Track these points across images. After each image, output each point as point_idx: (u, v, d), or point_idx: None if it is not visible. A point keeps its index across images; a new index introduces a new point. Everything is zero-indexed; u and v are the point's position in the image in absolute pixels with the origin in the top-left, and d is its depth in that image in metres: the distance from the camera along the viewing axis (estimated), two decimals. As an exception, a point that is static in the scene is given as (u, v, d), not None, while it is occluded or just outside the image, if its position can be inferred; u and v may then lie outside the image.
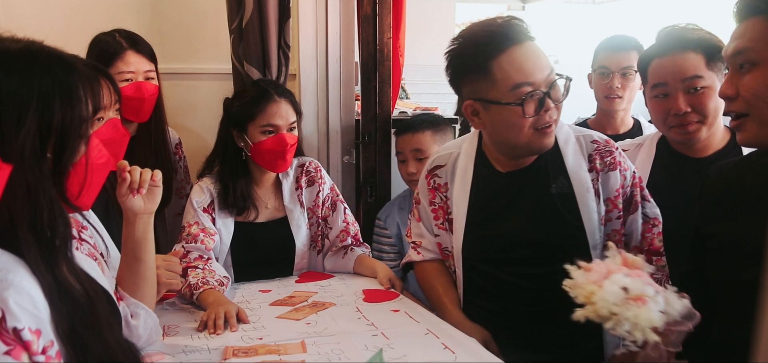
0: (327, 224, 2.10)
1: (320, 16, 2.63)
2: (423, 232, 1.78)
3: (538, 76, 1.46)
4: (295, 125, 1.99)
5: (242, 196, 1.98)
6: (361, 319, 1.62)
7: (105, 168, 1.12)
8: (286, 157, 1.96)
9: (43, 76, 0.92)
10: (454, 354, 1.39)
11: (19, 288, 0.87)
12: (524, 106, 1.46)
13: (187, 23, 2.70)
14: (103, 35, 2.05)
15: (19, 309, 0.85)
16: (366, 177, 2.69)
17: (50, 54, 0.96)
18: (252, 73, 2.44)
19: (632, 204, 1.62)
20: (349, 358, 1.37)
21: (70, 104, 0.95)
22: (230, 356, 1.40)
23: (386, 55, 2.64)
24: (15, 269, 0.89)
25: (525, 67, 1.45)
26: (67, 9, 2.47)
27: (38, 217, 0.91)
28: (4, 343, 0.83)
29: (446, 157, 1.72)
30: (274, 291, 1.86)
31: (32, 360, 0.86)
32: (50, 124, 0.92)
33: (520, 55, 1.46)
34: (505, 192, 1.62)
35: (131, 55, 2.04)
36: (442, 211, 1.71)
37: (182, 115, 2.70)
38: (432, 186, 1.73)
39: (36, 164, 0.91)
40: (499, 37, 1.47)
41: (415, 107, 3.03)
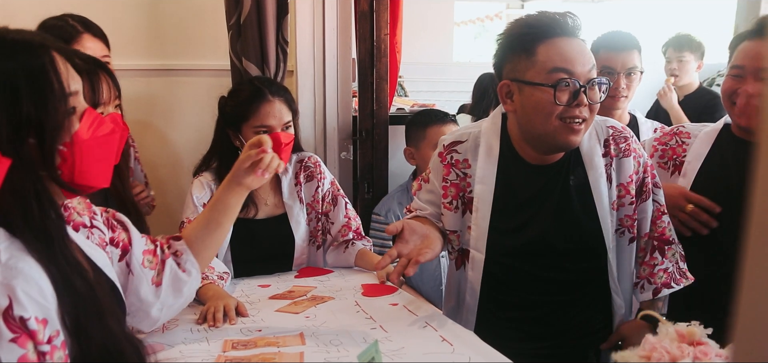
0: (328, 219, 2.11)
1: (317, 13, 2.63)
2: (419, 205, 1.76)
3: (578, 69, 1.48)
4: (290, 124, 1.98)
5: None
6: (360, 312, 1.63)
7: (110, 139, 1.07)
8: (280, 156, 1.95)
9: (6, 62, 0.90)
10: (451, 346, 1.40)
11: (27, 276, 0.87)
12: (557, 90, 1.47)
13: (185, 20, 2.70)
14: (52, 20, 1.97)
15: (26, 298, 0.86)
16: (363, 173, 2.71)
17: (15, 39, 0.93)
18: (250, 70, 2.45)
19: (644, 191, 1.65)
20: (347, 351, 1.38)
21: (40, 87, 0.92)
22: (229, 349, 1.40)
23: (383, 51, 2.65)
24: (24, 258, 0.89)
25: (567, 56, 1.49)
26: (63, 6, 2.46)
27: (29, 211, 0.91)
28: (10, 330, 0.84)
29: (466, 134, 1.70)
30: (273, 286, 1.87)
31: (38, 349, 0.86)
32: (20, 112, 0.89)
33: (566, 45, 1.50)
34: (532, 184, 1.62)
35: (87, 39, 1.98)
36: (456, 189, 1.67)
37: (180, 111, 2.71)
38: (448, 161, 1.68)
39: (15, 156, 0.89)
40: (551, 25, 1.51)
41: (413, 104, 3.05)
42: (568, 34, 1.51)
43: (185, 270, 1.39)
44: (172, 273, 1.37)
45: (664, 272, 1.67)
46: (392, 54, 2.71)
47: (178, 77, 2.71)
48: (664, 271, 1.67)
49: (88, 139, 1.00)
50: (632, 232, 1.64)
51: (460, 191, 1.67)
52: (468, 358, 1.34)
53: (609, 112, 2.47)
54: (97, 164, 1.03)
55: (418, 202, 1.77)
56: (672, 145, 1.95)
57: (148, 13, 2.66)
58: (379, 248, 2.43)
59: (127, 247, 1.31)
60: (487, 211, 1.62)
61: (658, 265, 1.67)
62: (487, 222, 1.62)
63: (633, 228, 1.64)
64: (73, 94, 0.98)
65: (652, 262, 1.67)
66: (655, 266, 1.67)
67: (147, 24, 2.65)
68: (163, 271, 1.36)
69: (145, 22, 2.64)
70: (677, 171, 1.91)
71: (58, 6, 2.44)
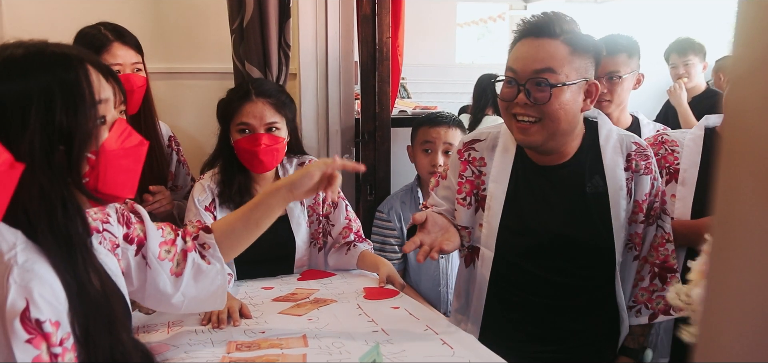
0: (329, 221, 2.12)
1: (320, 16, 2.65)
2: (438, 202, 1.77)
3: (521, 69, 1.53)
4: (275, 126, 1.97)
5: (239, 191, 1.99)
6: (362, 315, 1.65)
7: (137, 151, 1.10)
8: (260, 157, 1.95)
9: (43, 75, 0.95)
10: (452, 350, 1.42)
11: (43, 279, 0.91)
12: (495, 83, 1.59)
13: (188, 23, 2.72)
14: (88, 28, 2.03)
15: (42, 300, 0.89)
16: (365, 175, 2.72)
17: (53, 53, 0.98)
18: (253, 73, 2.47)
19: (652, 215, 1.66)
20: (349, 353, 1.40)
21: (72, 98, 0.96)
22: (233, 350, 1.43)
23: (385, 54, 2.66)
24: (39, 261, 0.92)
25: (519, 55, 1.54)
26: (69, 8, 2.49)
27: (54, 217, 0.94)
28: (26, 331, 0.87)
29: (486, 133, 1.74)
30: (276, 288, 1.89)
31: (50, 351, 0.90)
32: (53, 120, 0.94)
33: (526, 45, 1.55)
34: (541, 185, 1.65)
35: (118, 47, 2.03)
36: (470, 185, 1.70)
37: (184, 114, 2.73)
38: (466, 158, 1.72)
39: (45, 162, 0.93)
40: (528, 25, 1.56)
41: (415, 106, 3.06)
42: (535, 34, 1.54)
43: (209, 262, 1.40)
44: (195, 265, 1.38)
45: (663, 300, 1.66)
46: (394, 57, 2.72)
47: (181, 80, 2.73)
48: (662, 299, 1.67)
49: (115, 149, 1.03)
50: (637, 250, 1.66)
51: (474, 188, 1.69)
52: (468, 360, 1.36)
53: None
54: (123, 175, 1.06)
55: (435, 198, 1.79)
56: (662, 154, 1.95)
57: (152, 17, 2.69)
58: (380, 246, 2.45)
59: (142, 240, 1.33)
60: (498, 209, 1.64)
61: (657, 292, 1.67)
62: (498, 220, 1.64)
63: (639, 247, 1.66)
64: (103, 101, 1.02)
65: (650, 288, 1.67)
66: (653, 292, 1.67)
67: (151, 27, 2.67)
68: (185, 262, 1.37)
69: (149, 26, 2.67)
70: (673, 179, 1.92)
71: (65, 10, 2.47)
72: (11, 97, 0.92)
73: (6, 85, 0.93)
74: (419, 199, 2.52)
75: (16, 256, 0.90)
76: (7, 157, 0.77)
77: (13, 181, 0.79)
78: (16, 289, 0.87)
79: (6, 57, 0.95)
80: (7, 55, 0.95)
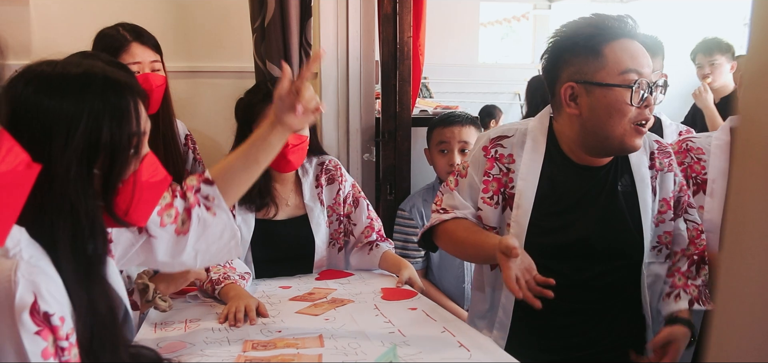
0: (350, 221, 2.12)
1: (341, 16, 2.65)
2: (457, 203, 1.70)
3: (646, 70, 1.50)
4: None
5: (260, 193, 1.99)
6: (379, 316, 1.64)
7: (160, 186, 1.14)
8: (288, 157, 1.95)
9: (96, 99, 0.98)
10: (469, 352, 1.40)
11: (48, 275, 0.93)
12: (632, 92, 1.48)
13: (210, 22, 2.74)
14: (107, 29, 2.06)
15: (49, 295, 0.91)
16: (386, 174, 2.71)
17: (107, 78, 1.01)
18: (274, 72, 2.47)
19: (680, 208, 1.65)
20: (365, 354, 1.39)
21: (119, 124, 1.00)
22: (249, 349, 1.42)
23: (406, 53, 2.66)
24: (43, 259, 0.94)
25: (637, 57, 1.50)
26: (94, 8, 2.52)
27: (79, 234, 0.97)
28: (35, 323, 0.89)
29: (513, 129, 1.68)
30: (294, 287, 1.89)
31: (57, 344, 0.91)
32: (98, 142, 0.97)
33: (632, 46, 1.51)
34: (579, 186, 1.62)
35: (136, 47, 2.05)
36: (498, 183, 1.65)
37: (205, 112, 2.75)
38: (492, 156, 1.65)
39: (80, 181, 0.96)
40: (617, 26, 1.52)
41: (436, 105, 3.05)
42: (631, 35, 1.52)
43: (215, 214, 1.40)
44: (201, 221, 1.38)
45: (696, 289, 1.64)
46: (415, 56, 2.71)
47: (203, 79, 2.75)
48: (696, 287, 1.64)
49: (145, 180, 1.08)
50: (669, 249, 1.64)
51: (502, 186, 1.65)
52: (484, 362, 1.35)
53: None
54: (145, 206, 1.11)
55: (458, 199, 1.70)
56: (688, 163, 1.89)
57: (174, 16, 2.71)
58: (402, 244, 2.45)
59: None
60: (528, 208, 1.60)
61: (691, 279, 1.64)
62: (527, 219, 1.60)
63: (670, 245, 1.64)
64: (144, 133, 1.07)
65: (687, 274, 1.64)
66: (688, 278, 1.64)
67: (173, 26, 2.69)
68: (189, 220, 1.37)
69: (171, 24, 2.69)
70: (701, 190, 1.85)
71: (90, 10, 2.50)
72: (62, 113, 0.96)
73: (58, 101, 0.96)
74: (440, 198, 2.50)
75: (21, 252, 0.92)
76: (24, 156, 0.77)
77: (29, 181, 0.79)
78: (24, 283, 0.89)
79: (61, 73, 0.99)
80: (64, 71, 0.99)
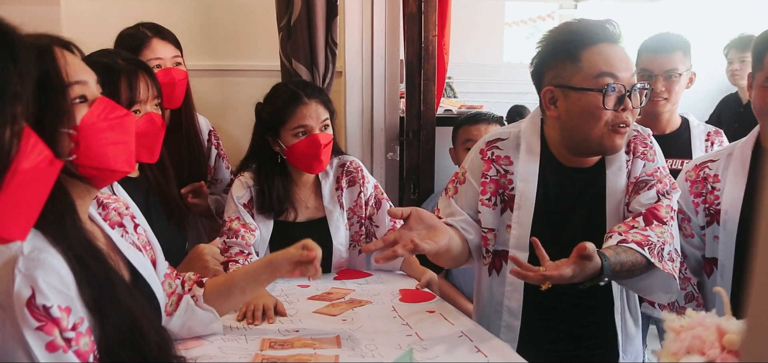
0: (372, 223, 2.11)
1: (366, 14, 2.66)
2: (455, 211, 1.68)
3: (622, 74, 1.49)
4: (327, 123, 1.99)
5: (279, 199, 2.00)
6: (396, 318, 1.64)
7: (123, 122, 1.10)
8: (320, 157, 1.96)
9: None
10: (486, 357, 1.39)
11: (48, 267, 0.94)
12: (605, 95, 1.48)
13: (237, 22, 2.77)
14: (127, 29, 2.10)
15: (47, 287, 0.92)
16: (409, 174, 2.71)
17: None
18: (300, 71, 2.49)
19: (641, 187, 1.58)
20: (382, 356, 1.39)
21: (41, 85, 0.96)
22: (266, 348, 1.44)
23: (431, 53, 2.65)
24: (47, 249, 0.96)
25: (612, 61, 1.50)
26: (123, 7, 2.57)
27: None
28: (35, 319, 0.90)
29: (507, 132, 1.69)
30: (312, 286, 1.90)
31: (63, 336, 0.93)
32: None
33: (610, 50, 1.51)
34: (570, 187, 1.62)
35: (157, 43, 2.08)
36: (495, 185, 1.65)
37: (231, 110, 2.78)
38: (489, 157, 1.66)
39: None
40: (595, 31, 1.52)
41: (461, 105, 3.04)
42: (611, 40, 1.52)
43: (203, 309, 1.46)
44: (188, 308, 1.44)
45: (642, 236, 1.49)
46: (440, 55, 2.71)
47: (229, 77, 2.78)
48: (641, 235, 1.49)
49: (96, 121, 1.05)
50: None
51: (500, 188, 1.65)
52: (501, 369, 1.34)
53: (653, 116, 2.40)
54: (113, 147, 1.08)
55: (454, 206, 1.69)
56: (705, 193, 1.78)
57: (201, 15, 2.74)
58: None
59: (154, 262, 1.37)
60: (530, 208, 1.60)
61: (637, 228, 1.51)
62: (529, 218, 1.60)
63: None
64: (76, 83, 1.04)
65: (631, 224, 1.53)
66: (632, 228, 1.52)
67: (200, 25, 2.73)
68: (177, 305, 1.43)
69: (198, 23, 2.72)
70: (714, 221, 1.75)
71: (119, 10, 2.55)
72: None
73: None
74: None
75: (22, 247, 0.94)
76: (47, 153, 0.79)
77: (52, 177, 0.81)
78: (21, 278, 0.91)
79: None
80: None
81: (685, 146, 2.36)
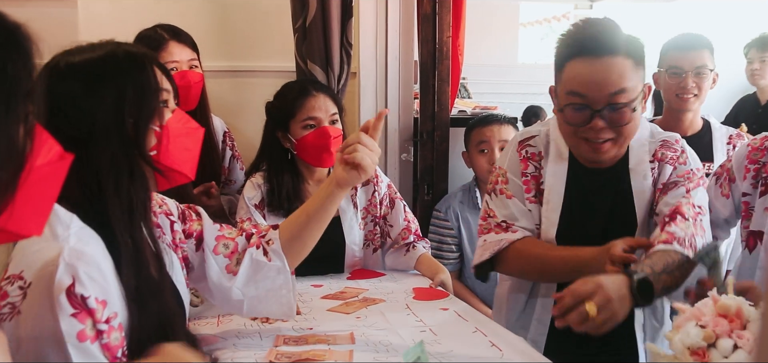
0: (386, 223, 2.12)
1: (380, 15, 2.66)
2: (514, 213, 1.65)
3: (593, 94, 1.47)
4: (336, 118, 2.02)
5: (288, 198, 2.00)
6: (410, 315, 1.64)
7: (196, 132, 1.25)
8: (330, 149, 1.97)
9: (120, 74, 1.11)
10: (501, 352, 1.39)
11: (90, 260, 0.98)
12: (564, 111, 1.52)
13: (252, 22, 2.79)
14: (145, 31, 2.13)
15: (87, 278, 0.96)
16: (423, 175, 2.72)
17: (126, 52, 1.15)
18: (315, 71, 2.50)
19: (668, 188, 1.56)
20: (396, 351, 1.39)
21: (140, 84, 1.12)
22: (281, 344, 1.44)
23: (445, 54, 2.65)
24: (92, 243, 1.01)
25: (585, 79, 1.47)
26: (139, 9, 2.60)
27: (121, 181, 1.06)
28: (71, 306, 0.94)
29: (537, 130, 1.72)
30: (325, 286, 1.90)
31: (96, 327, 0.96)
32: (124, 102, 1.09)
33: (587, 67, 1.47)
34: (589, 187, 1.62)
35: (174, 46, 2.11)
36: (535, 181, 1.66)
37: (246, 111, 2.79)
38: (524, 156, 1.67)
39: (117, 136, 1.07)
40: (578, 44, 1.50)
41: (475, 106, 3.03)
42: (595, 53, 1.46)
43: (270, 259, 1.42)
44: (253, 261, 1.41)
45: (667, 235, 1.44)
46: (454, 56, 2.71)
47: (244, 78, 2.79)
48: (666, 234, 1.45)
49: (177, 125, 1.19)
50: None
51: (537, 181, 1.67)
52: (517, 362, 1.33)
53: (677, 116, 2.39)
54: (184, 153, 1.21)
55: (508, 209, 1.65)
56: (761, 161, 1.70)
57: (217, 16, 2.76)
58: (437, 245, 2.44)
59: (200, 234, 1.41)
60: (557, 204, 1.62)
61: (658, 237, 1.47)
62: (557, 214, 1.61)
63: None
64: (165, 90, 1.19)
65: (654, 238, 1.49)
66: (655, 239, 1.48)
67: (215, 26, 2.75)
68: (242, 261, 1.41)
69: (214, 24, 2.74)
70: None
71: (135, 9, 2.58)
72: (94, 93, 1.08)
73: (89, 84, 1.08)
74: (477, 199, 2.50)
75: (68, 238, 0.99)
76: (58, 148, 0.81)
77: (62, 172, 0.82)
78: (64, 266, 0.95)
79: (85, 59, 1.10)
80: (86, 56, 1.11)
81: (706, 149, 2.33)
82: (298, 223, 1.46)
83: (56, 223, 1.00)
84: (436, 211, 2.57)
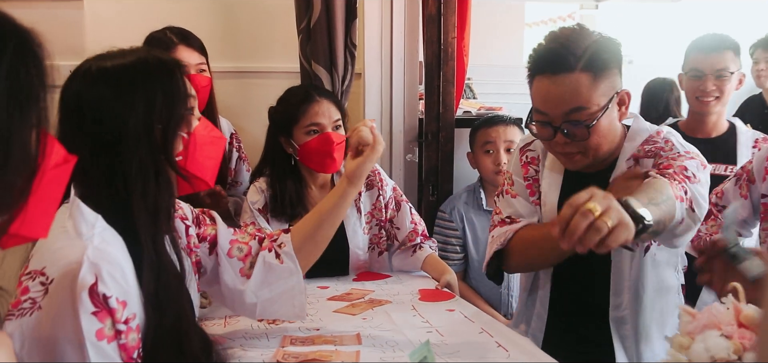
0: (393, 225, 2.12)
1: (385, 16, 2.67)
2: (518, 210, 1.69)
3: (551, 111, 1.48)
4: (340, 123, 2.02)
5: (292, 203, 2.00)
6: (416, 316, 1.64)
7: (220, 141, 1.29)
8: (333, 155, 1.97)
9: (150, 79, 1.13)
10: (507, 352, 1.39)
11: (113, 260, 1.00)
12: (529, 126, 1.57)
13: (256, 23, 2.79)
14: (155, 33, 2.13)
15: (110, 278, 0.98)
16: (428, 175, 2.71)
17: (157, 58, 1.17)
18: (319, 73, 2.50)
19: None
20: (403, 352, 1.40)
21: (170, 90, 1.14)
22: (288, 345, 1.44)
23: (450, 54, 2.65)
24: (115, 244, 1.03)
25: (545, 97, 1.49)
26: (146, 10, 2.61)
27: (148, 186, 1.07)
28: (93, 304, 0.95)
29: None
30: (331, 288, 1.90)
31: (115, 327, 0.98)
32: (154, 107, 1.10)
33: (546, 86, 1.48)
34: (578, 190, 1.62)
35: (182, 50, 2.11)
36: (536, 184, 1.70)
37: (251, 112, 2.79)
38: (525, 161, 1.72)
39: (146, 140, 1.09)
40: (541, 59, 1.50)
41: (480, 107, 3.02)
42: (550, 71, 1.47)
43: (282, 261, 1.45)
44: (266, 264, 1.43)
45: (651, 176, 1.41)
46: (459, 57, 2.70)
47: (249, 79, 2.80)
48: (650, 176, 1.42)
49: (203, 133, 1.23)
50: None
51: (538, 185, 1.70)
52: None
53: (700, 118, 2.37)
54: (209, 160, 1.25)
55: (513, 207, 1.70)
56: None
57: (221, 17, 2.77)
58: (442, 246, 2.44)
59: (214, 238, 1.42)
60: (554, 202, 1.63)
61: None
62: (554, 216, 1.61)
63: None
64: (192, 97, 1.21)
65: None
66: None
67: (220, 27, 2.75)
68: (256, 264, 1.43)
69: (218, 25, 2.75)
70: None
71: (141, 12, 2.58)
72: (123, 98, 1.09)
73: (119, 89, 1.10)
74: (482, 200, 2.49)
75: (93, 238, 1.01)
76: (61, 152, 0.81)
77: (66, 175, 0.82)
78: (87, 265, 0.96)
79: (116, 64, 1.12)
80: (117, 62, 1.13)
81: (730, 151, 2.32)
82: (312, 224, 1.50)
83: (81, 222, 1.02)
84: (440, 212, 2.57)
